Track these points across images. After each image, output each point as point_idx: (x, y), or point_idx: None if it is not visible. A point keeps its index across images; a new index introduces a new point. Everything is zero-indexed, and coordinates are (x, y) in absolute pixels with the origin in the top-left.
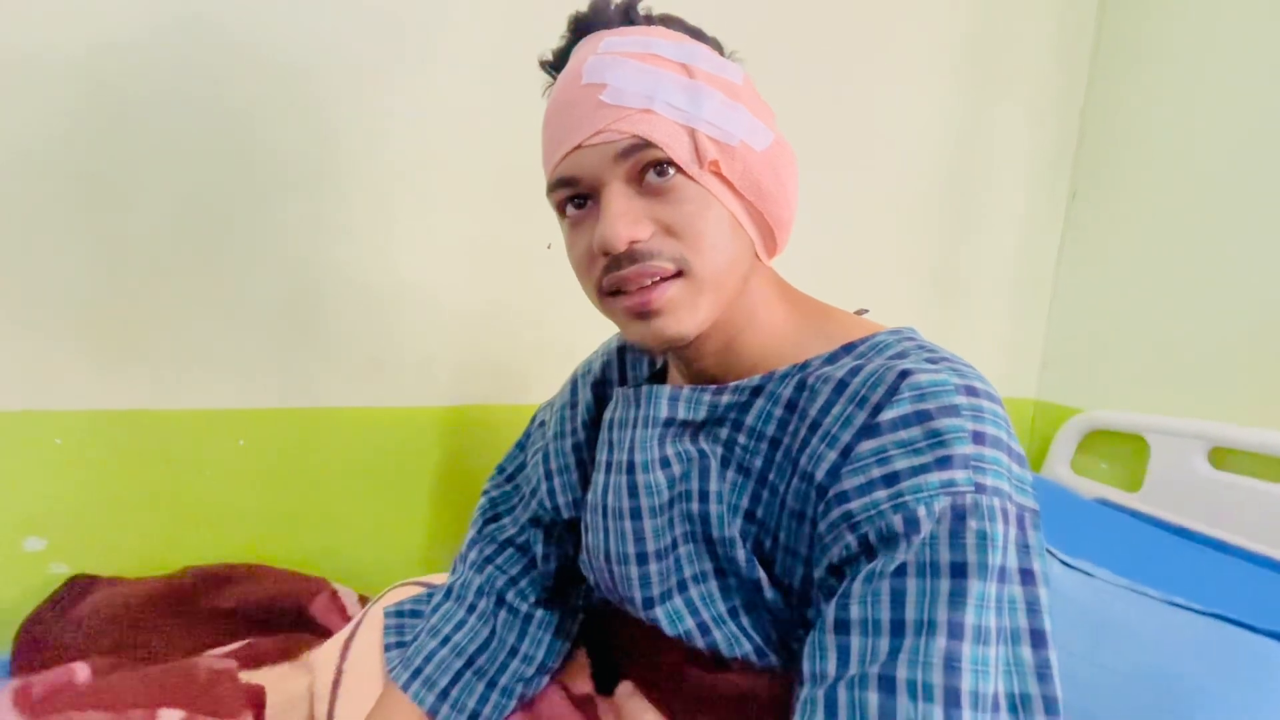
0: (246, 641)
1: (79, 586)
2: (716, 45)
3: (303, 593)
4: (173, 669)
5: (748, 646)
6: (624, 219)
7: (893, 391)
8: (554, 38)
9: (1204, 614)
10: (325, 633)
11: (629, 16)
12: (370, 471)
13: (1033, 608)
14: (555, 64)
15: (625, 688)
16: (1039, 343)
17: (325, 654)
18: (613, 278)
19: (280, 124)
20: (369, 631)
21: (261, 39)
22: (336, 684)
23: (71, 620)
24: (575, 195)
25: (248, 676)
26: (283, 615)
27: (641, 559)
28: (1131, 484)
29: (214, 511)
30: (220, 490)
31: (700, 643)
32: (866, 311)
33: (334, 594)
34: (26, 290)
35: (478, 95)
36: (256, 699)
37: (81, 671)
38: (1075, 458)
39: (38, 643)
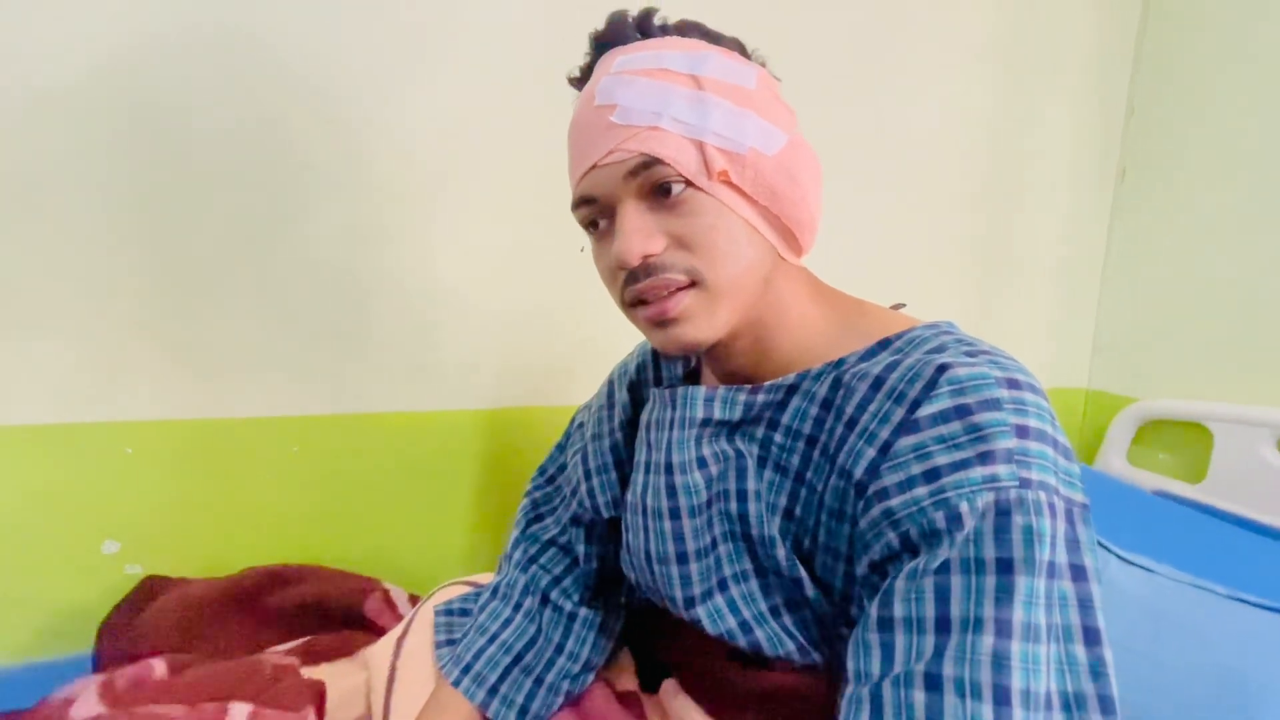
0: (306, 639)
1: (151, 586)
2: (736, 46)
3: (356, 592)
4: (240, 665)
5: (790, 645)
6: (637, 235)
7: (931, 386)
8: (585, 43)
9: (1272, 610)
10: (379, 631)
11: (645, 30)
12: (416, 473)
13: (1085, 604)
14: (581, 79)
15: (669, 686)
16: (1089, 329)
17: (379, 651)
18: (632, 290)
19: (321, 140)
20: (420, 630)
21: (299, 58)
22: (391, 680)
23: (145, 619)
24: (595, 213)
25: (308, 672)
26: (338, 614)
27: (681, 558)
28: (1193, 475)
29: (270, 514)
30: (276, 494)
31: (742, 641)
32: (903, 306)
33: (386, 593)
34: (97, 310)
35: (512, 102)
36: (318, 694)
37: (159, 666)
38: (1131, 449)
39: (116, 640)
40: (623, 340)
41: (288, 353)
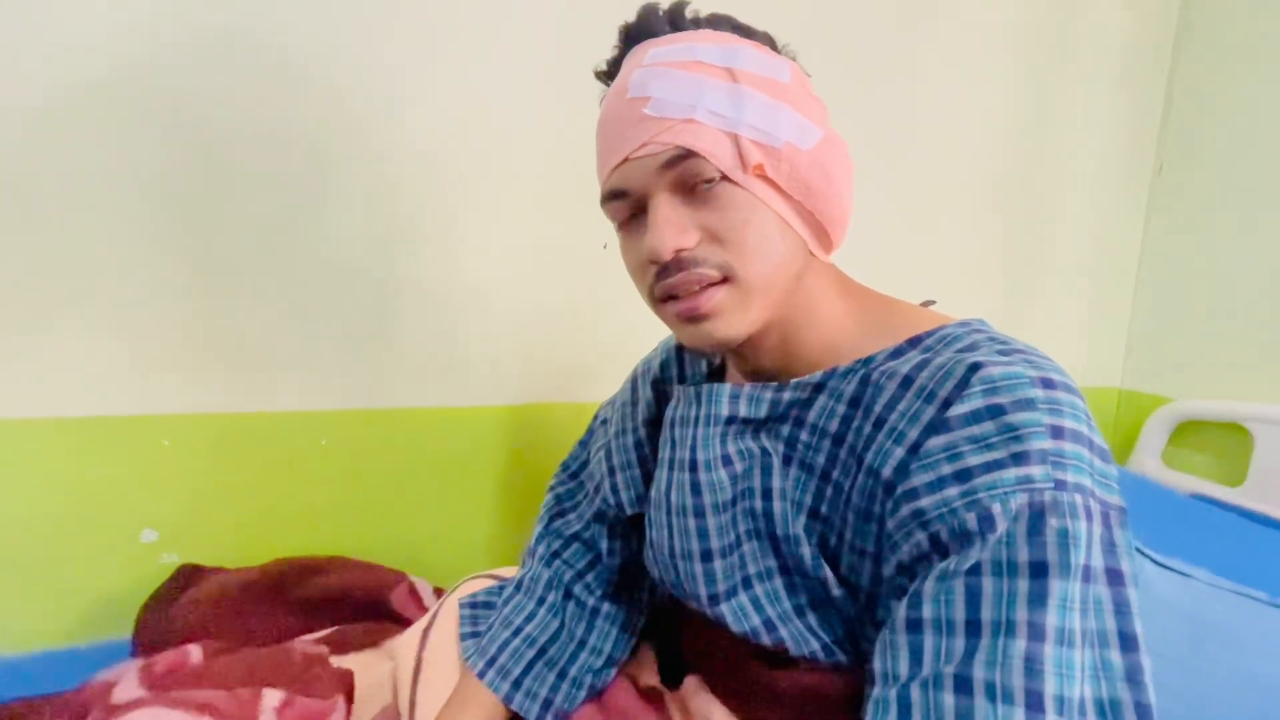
0: (334, 629)
1: (186, 575)
2: (767, 40)
3: (383, 584)
4: (272, 652)
5: (815, 644)
6: (670, 228)
7: (963, 385)
8: (609, 41)
9: None
10: (405, 622)
11: (676, 22)
12: (440, 468)
13: (1121, 609)
14: (609, 73)
15: (692, 682)
16: (1122, 328)
17: (406, 642)
18: (663, 285)
19: (352, 141)
20: (445, 622)
21: (323, 61)
22: (417, 671)
23: (180, 606)
24: (626, 206)
25: (337, 661)
26: (365, 605)
27: (706, 556)
28: (1232, 478)
29: (300, 506)
30: (305, 486)
31: (766, 640)
32: (933, 303)
33: (412, 585)
34: (136, 308)
35: (534, 101)
36: (347, 682)
37: (195, 653)
38: (1167, 450)
39: (153, 626)
40: (642, 338)
41: (318, 349)
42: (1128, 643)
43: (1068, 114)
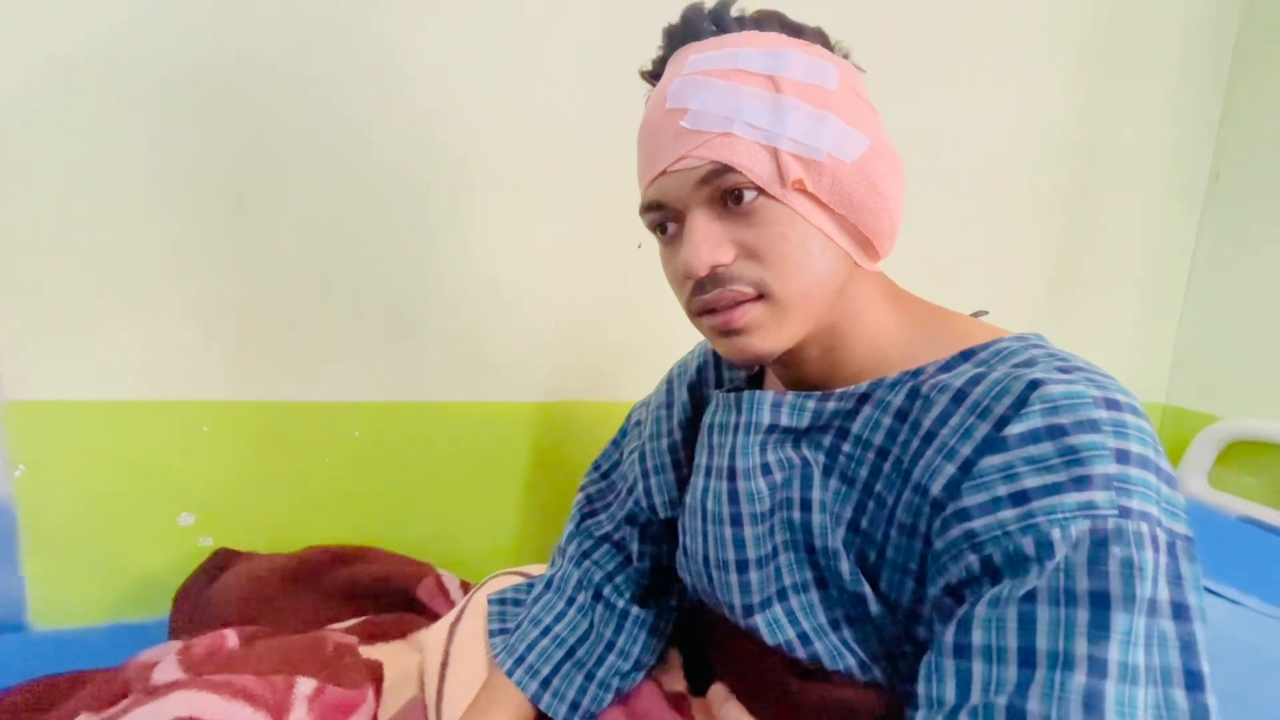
0: (363, 618)
1: (221, 559)
2: (818, 37)
3: (411, 576)
4: (304, 640)
5: (851, 660)
6: (706, 245)
7: (1021, 403)
8: (647, 39)
9: None
10: (431, 615)
11: (720, 22)
12: (470, 462)
13: (1187, 646)
14: (654, 73)
15: (719, 690)
16: (1169, 342)
17: (433, 635)
18: (699, 301)
19: (389, 138)
20: (473, 617)
21: (367, 59)
22: (445, 665)
23: (215, 590)
24: (664, 218)
25: (365, 651)
26: (392, 596)
27: (741, 566)
28: None
29: (332, 495)
30: (338, 476)
31: (801, 653)
32: (986, 314)
33: (439, 578)
34: (178, 296)
35: (571, 101)
36: (376, 673)
37: (231, 638)
38: (1214, 470)
39: (189, 608)
40: (674, 338)
41: (354, 341)
42: (1193, 681)
43: (1121, 117)
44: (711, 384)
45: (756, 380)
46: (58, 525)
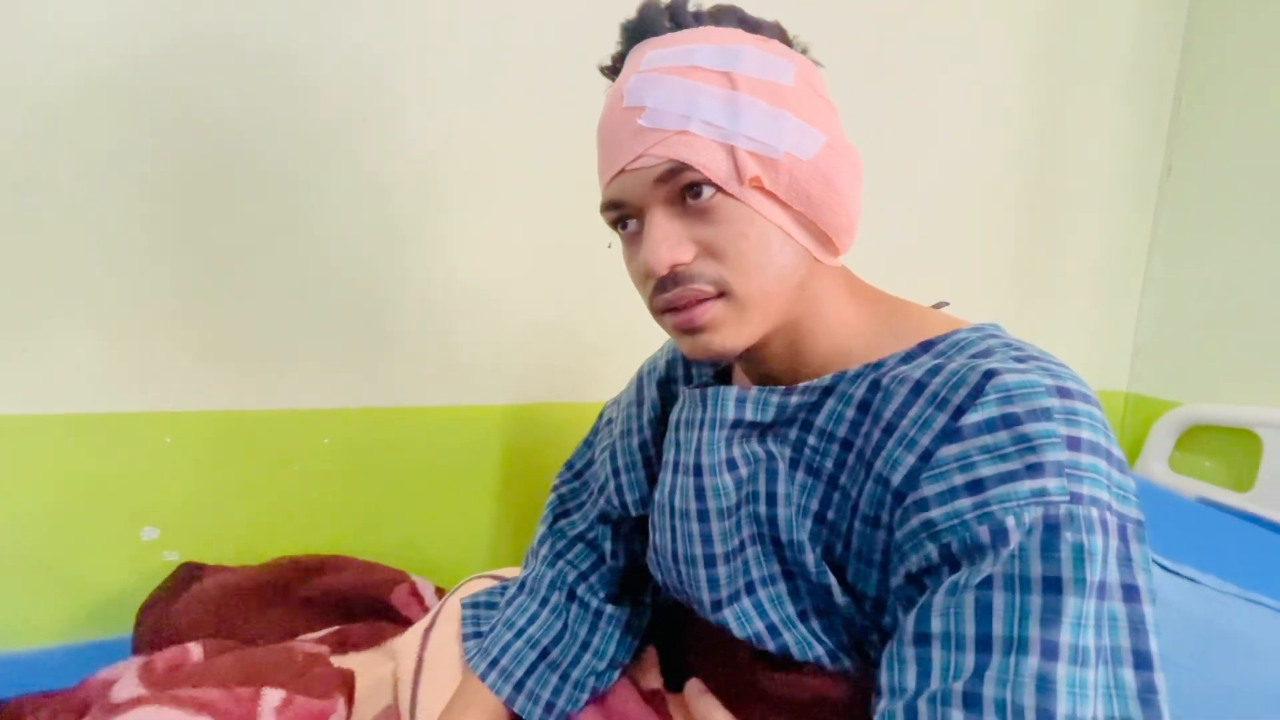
0: (335, 628)
1: (187, 573)
2: (776, 32)
3: (384, 583)
4: (273, 651)
5: (820, 650)
6: (665, 244)
7: (976, 393)
8: (611, 37)
9: None
10: (405, 622)
11: (677, 18)
12: (443, 467)
13: (1136, 626)
14: (614, 69)
15: (694, 686)
16: (1129, 330)
17: (407, 642)
18: (661, 299)
19: (350, 140)
20: (447, 622)
21: (325, 59)
22: (418, 671)
23: (181, 604)
24: (624, 216)
25: (337, 661)
26: (366, 604)
27: (709, 561)
28: (1240, 483)
29: (303, 504)
30: (308, 485)
31: (770, 645)
32: (946, 305)
33: (413, 585)
34: (138, 305)
35: (537, 100)
36: (347, 682)
37: (195, 651)
38: (1174, 455)
39: (154, 624)
40: (646, 338)
41: (320, 347)
42: (1141, 661)
43: (1075, 115)
44: (680, 381)
45: (724, 376)
46: (13, 544)
